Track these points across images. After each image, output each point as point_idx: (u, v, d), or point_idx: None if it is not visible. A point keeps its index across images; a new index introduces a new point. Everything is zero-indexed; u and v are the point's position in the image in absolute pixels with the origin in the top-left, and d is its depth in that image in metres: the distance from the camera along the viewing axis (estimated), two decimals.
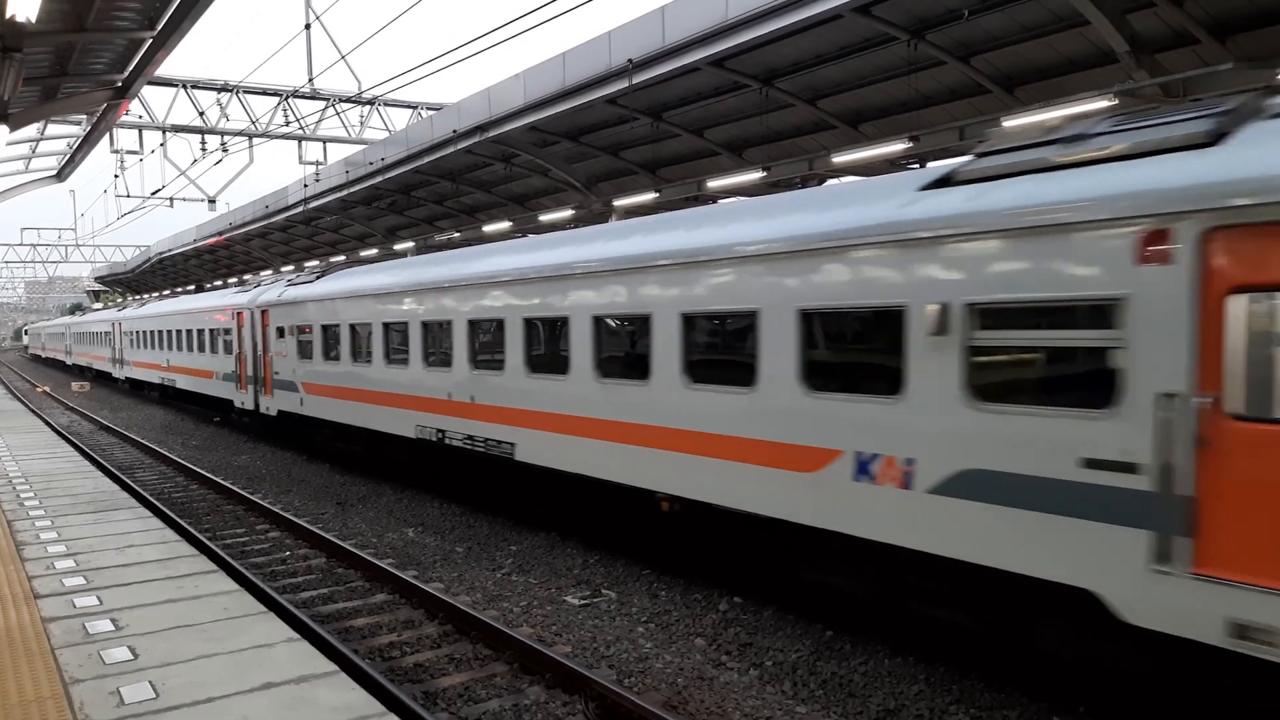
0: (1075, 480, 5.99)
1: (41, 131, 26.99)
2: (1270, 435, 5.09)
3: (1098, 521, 5.87)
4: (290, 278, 21.69)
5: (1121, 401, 5.76)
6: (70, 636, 5.85)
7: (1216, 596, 5.28)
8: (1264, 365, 5.18)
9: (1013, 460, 6.35)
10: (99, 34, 13.92)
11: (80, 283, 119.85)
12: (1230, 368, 5.29)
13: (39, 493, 11.00)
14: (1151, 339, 5.62)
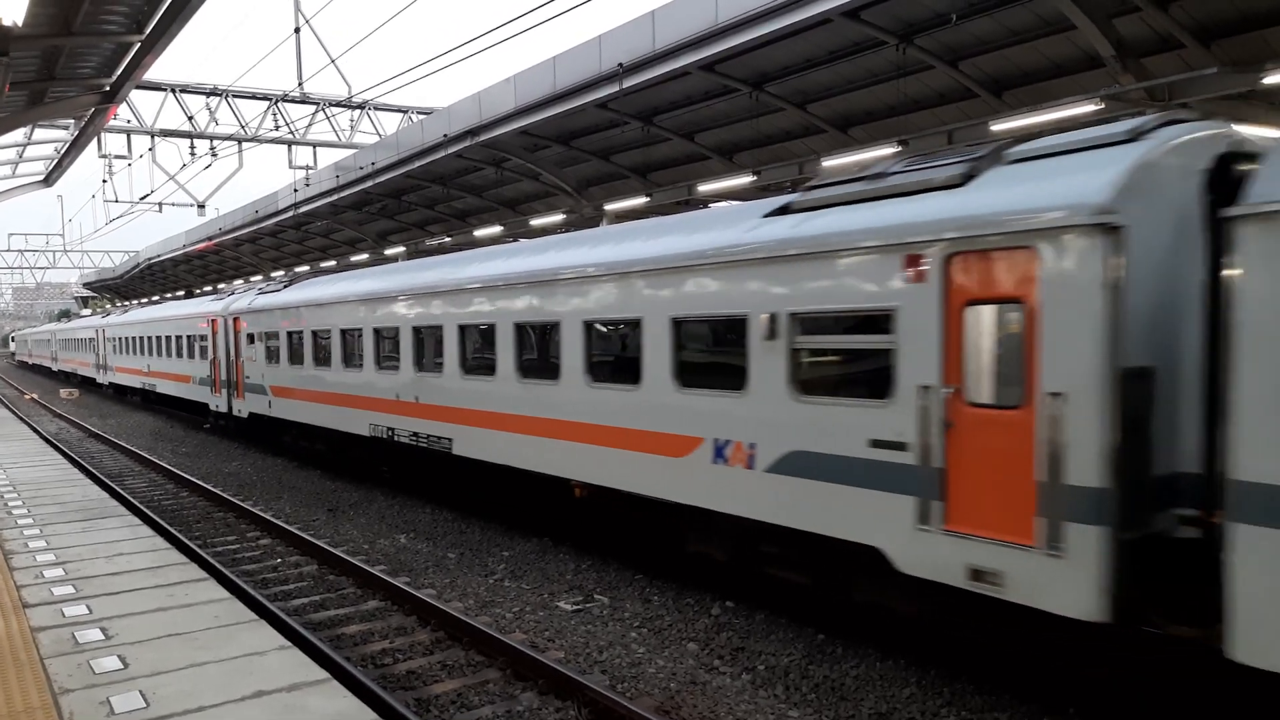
0: (865, 457, 7.37)
1: (29, 136, 26.86)
2: (991, 417, 6.49)
3: (881, 491, 7.25)
4: (261, 287, 22.55)
5: (895, 392, 7.13)
6: (60, 646, 5.82)
7: (960, 548, 6.66)
8: (986, 357, 6.58)
9: (824, 442, 7.73)
10: (87, 38, 13.86)
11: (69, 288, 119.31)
12: (966, 364, 6.67)
13: (27, 501, 10.94)
14: (913, 341, 6.98)
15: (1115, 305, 5.83)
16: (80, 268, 79.61)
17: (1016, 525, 6.30)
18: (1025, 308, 6.25)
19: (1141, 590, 5.96)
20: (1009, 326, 6.39)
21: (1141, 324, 5.96)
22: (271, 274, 49.66)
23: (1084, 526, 5.92)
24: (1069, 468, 6.00)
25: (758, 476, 8.33)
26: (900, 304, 7.06)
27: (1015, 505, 6.31)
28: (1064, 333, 6.04)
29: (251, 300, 21.27)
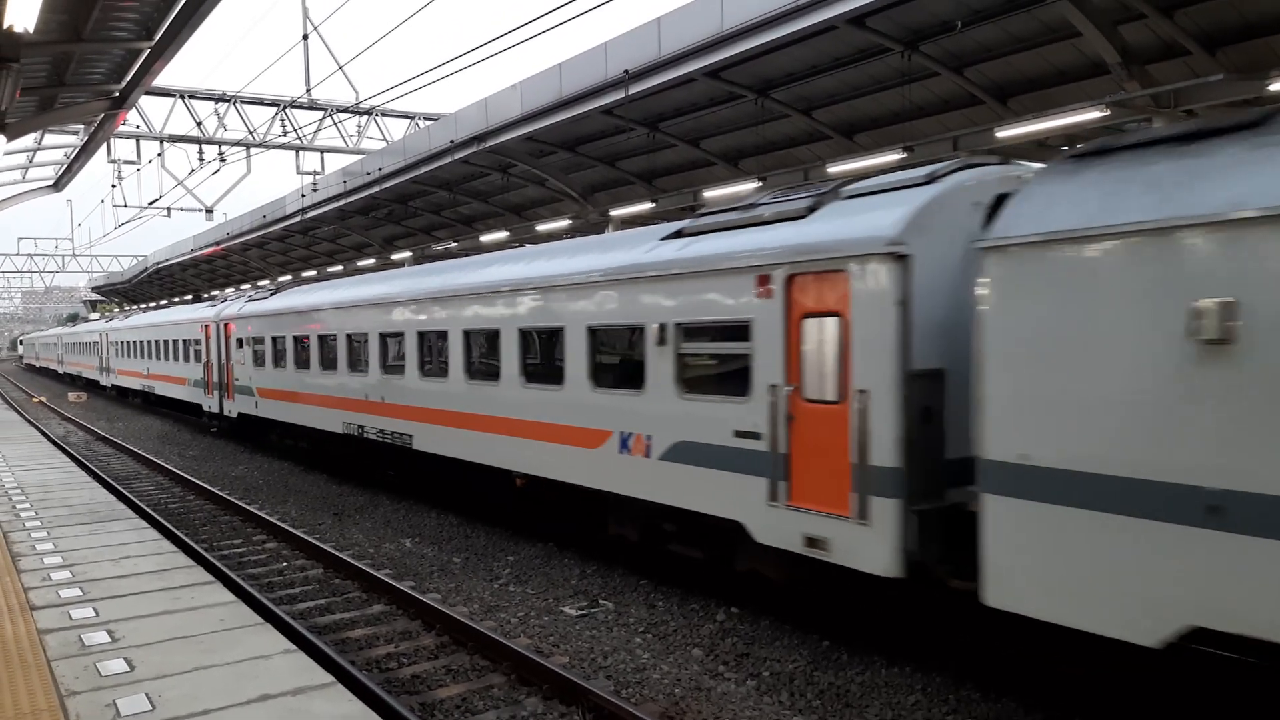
0: (730, 445, 8.66)
1: (39, 141, 27.00)
2: (820, 410, 7.80)
3: (741, 474, 8.52)
4: (250, 295, 23.95)
5: (752, 390, 8.40)
6: (66, 648, 5.85)
7: (799, 520, 7.96)
8: (817, 361, 7.88)
9: (701, 433, 9.01)
10: (96, 44, 13.94)
11: (77, 293, 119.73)
12: (804, 366, 7.99)
13: (35, 504, 10.99)
14: (764, 348, 8.26)
15: (904, 319, 7.17)
16: (89, 272, 79.90)
17: (837, 499, 7.63)
18: (843, 320, 7.60)
19: (931, 552, 7.16)
20: (832, 335, 7.74)
21: (932, 334, 7.27)
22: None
23: (883, 499, 7.26)
24: (872, 451, 7.32)
25: (653, 464, 9.63)
26: (755, 316, 8.37)
27: (836, 483, 7.65)
28: (868, 340, 7.37)
29: (240, 307, 22.58)
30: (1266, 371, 5.01)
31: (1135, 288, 5.62)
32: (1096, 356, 5.81)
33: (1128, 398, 5.64)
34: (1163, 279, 5.49)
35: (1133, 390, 5.62)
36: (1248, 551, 5.09)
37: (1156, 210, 5.52)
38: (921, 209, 7.30)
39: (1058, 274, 6.01)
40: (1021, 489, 6.19)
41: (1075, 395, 5.90)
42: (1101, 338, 5.79)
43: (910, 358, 7.16)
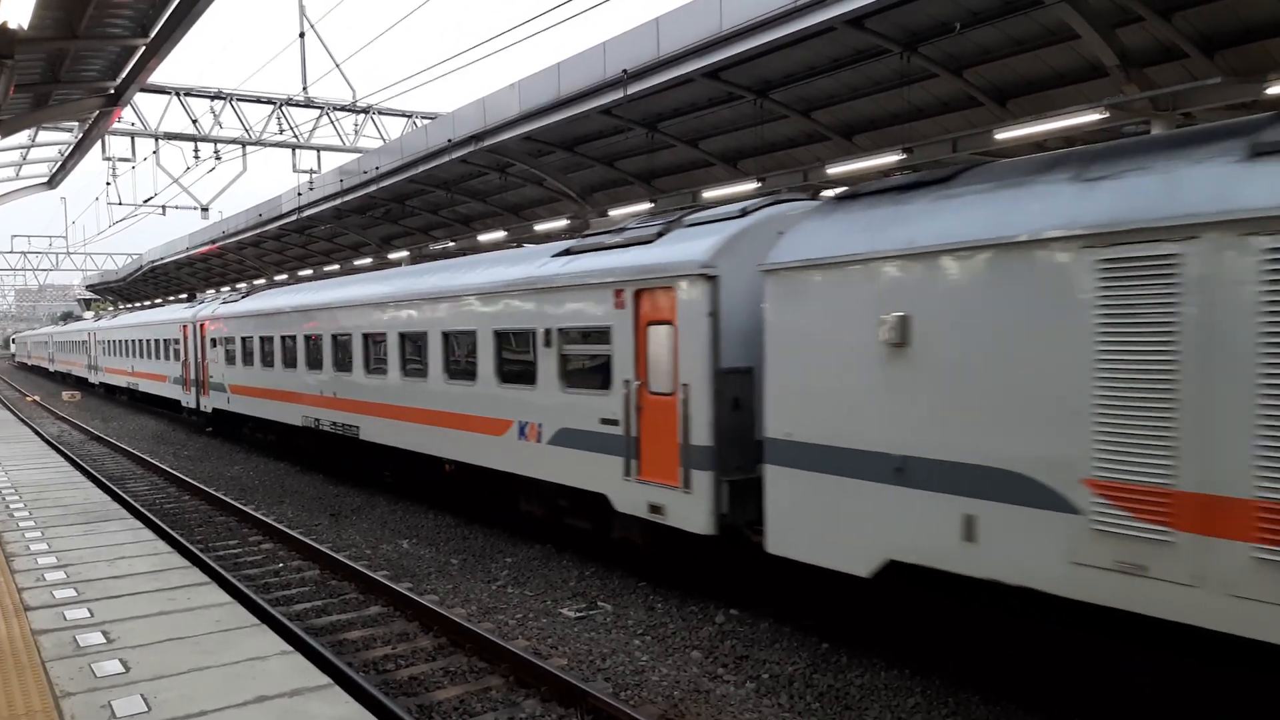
0: (598, 431, 10.31)
1: (33, 138, 26.87)
2: (659, 400, 9.45)
3: (606, 454, 10.17)
4: (224, 297, 25.58)
5: (612, 385, 10.06)
6: (61, 649, 5.80)
7: (645, 491, 9.62)
8: (657, 360, 9.48)
9: (578, 421, 10.66)
10: (91, 41, 13.86)
11: (71, 291, 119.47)
12: (648, 365, 9.62)
13: (29, 503, 10.93)
14: (621, 350, 9.92)
15: (714, 327, 8.88)
16: (83, 270, 79.71)
17: (670, 473, 9.30)
18: (673, 327, 9.27)
19: (740, 514, 8.84)
20: (666, 339, 9.36)
21: (741, 339, 8.91)
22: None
23: (701, 472, 8.94)
24: (693, 433, 9.01)
25: (544, 448, 11.29)
26: (613, 323, 10.03)
27: (670, 460, 9.31)
28: (689, 344, 9.07)
29: (214, 309, 24.19)
30: (928, 369, 6.86)
31: (850, 304, 7.43)
32: (828, 356, 7.64)
33: (847, 387, 7.48)
34: (865, 297, 7.28)
35: (850, 381, 7.46)
36: (918, 501, 6.95)
37: (864, 245, 7.31)
38: (730, 239, 9.06)
39: (805, 292, 7.84)
40: (787, 459, 8.04)
41: (817, 385, 7.75)
42: (830, 342, 7.62)
43: (720, 358, 8.89)
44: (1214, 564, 5.28)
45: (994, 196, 6.76)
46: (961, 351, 6.66)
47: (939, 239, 6.77)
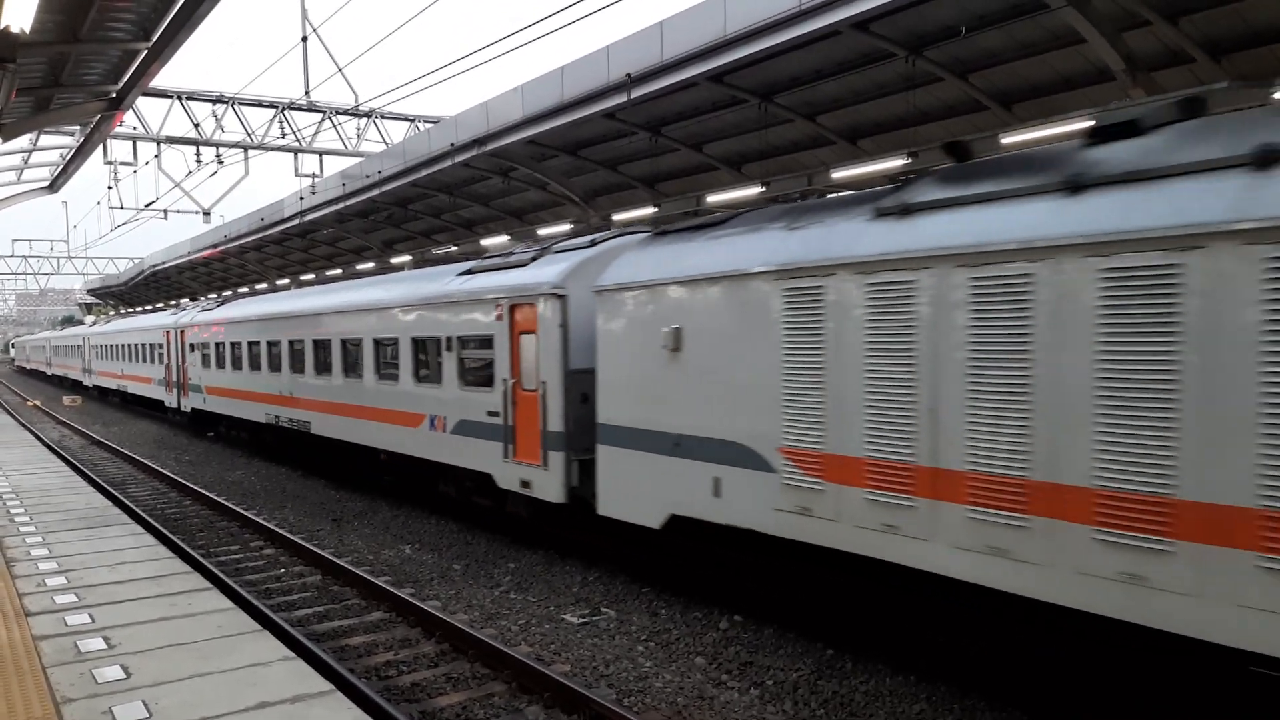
0: (486, 421, 12.51)
1: (34, 142, 26.83)
2: (528, 395, 11.60)
3: (491, 440, 12.37)
4: (203, 305, 27.97)
5: (495, 383, 12.28)
6: (62, 655, 5.75)
7: (519, 469, 11.79)
8: (526, 362, 11.62)
9: (472, 413, 12.89)
10: (93, 45, 13.85)
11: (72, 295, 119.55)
12: (520, 367, 11.80)
13: (30, 508, 10.88)
14: (501, 354, 12.10)
15: (564, 336, 11.04)
16: (85, 274, 79.65)
17: (535, 454, 11.47)
18: (536, 336, 11.40)
19: (586, 487, 10.85)
20: (532, 346, 11.52)
21: (586, 345, 10.94)
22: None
23: (556, 453, 11.11)
24: (549, 422, 11.17)
25: (448, 437, 13.48)
26: (495, 332, 12.26)
27: (535, 444, 11.49)
28: (547, 349, 11.21)
29: (193, 316, 26.45)
30: (693, 368, 9.06)
31: (646, 318, 9.64)
32: (634, 358, 9.82)
33: (645, 382, 9.71)
34: (655, 313, 9.51)
35: (646, 378, 9.67)
36: (688, 468, 9.16)
37: (655, 274, 9.52)
38: (577, 265, 11.20)
39: (619, 308, 10.01)
40: (610, 440, 10.26)
41: (627, 381, 9.94)
42: (634, 347, 9.79)
43: (569, 360, 11.07)
44: (845, 504, 7.59)
45: (739, 238, 8.90)
46: (712, 355, 8.87)
47: (699, 270, 9.04)
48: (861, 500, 7.42)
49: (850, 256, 7.50)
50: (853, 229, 7.69)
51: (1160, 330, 5.62)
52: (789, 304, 8.02)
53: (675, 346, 9.21)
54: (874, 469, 7.33)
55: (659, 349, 9.43)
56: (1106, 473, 5.85)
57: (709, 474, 8.88)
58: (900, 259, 7.13)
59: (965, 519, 6.66)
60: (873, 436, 7.34)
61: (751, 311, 8.39)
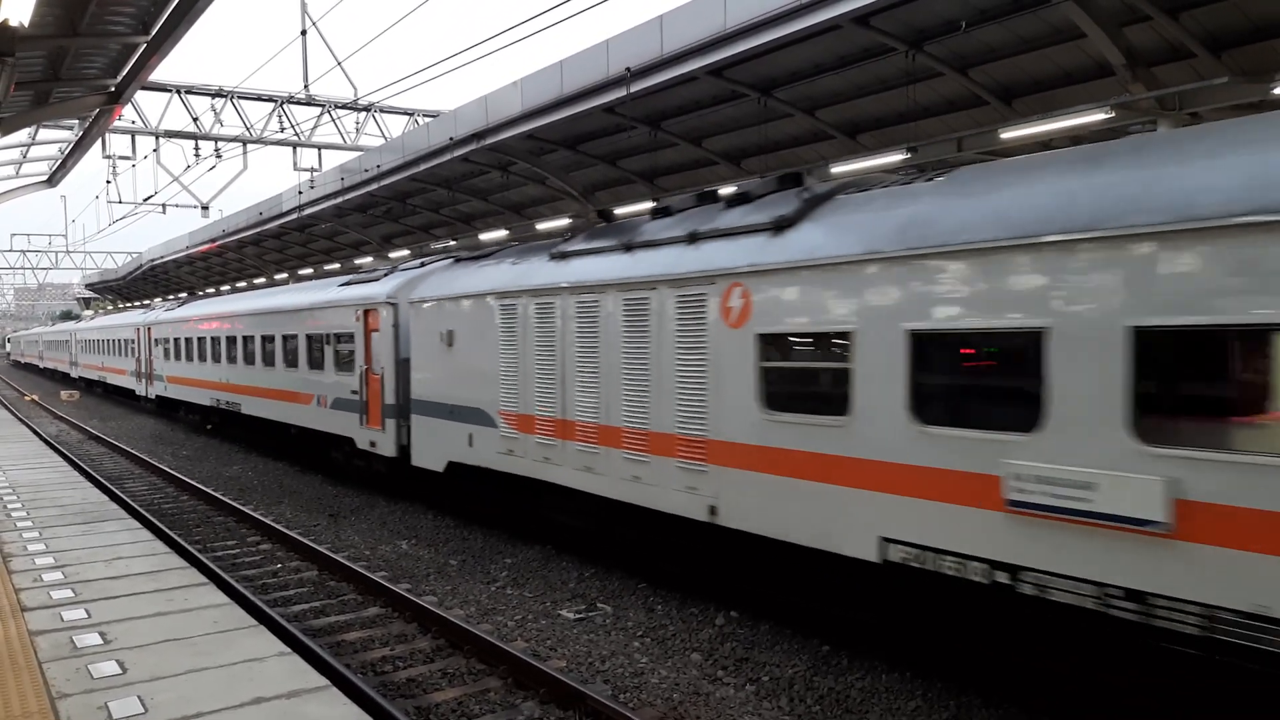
0: (349, 398, 16.45)
1: (33, 136, 26.77)
2: (375, 378, 15.53)
3: (351, 412, 16.42)
4: (168, 306, 33.54)
5: (354, 369, 16.28)
6: (58, 650, 5.75)
7: (369, 433, 15.76)
8: (374, 353, 15.67)
9: (342, 393, 16.78)
10: (92, 38, 13.81)
11: (71, 289, 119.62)
12: (371, 356, 15.96)
13: (26, 503, 10.87)
14: (359, 347, 16.09)
15: (396, 334, 14.92)
16: (83, 269, 79.52)
17: (378, 421, 15.41)
18: (380, 333, 15.35)
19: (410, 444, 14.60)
20: (376, 341, 15.45)
21: (409, 342, 14.55)
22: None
23: (390, 420, 15.03)
24: (386, 397, 15.06)
25: (329, 411, 17.49)
26: (355, 331, 16.24)
27: (378, 413, 15.39)
28: (384, 344, 15.26)
29: (158, 316, 31.62)
30: (459, 357, 12.95)
31: (435, 322, 13.57)
32: (428, 351, 13.79)
33: (434, 368, 13.61)
34: (439, 319, 13.46)
35: (433, 365, 13.60)
36: (456, 428, 12.99)
37: (441, 291, 13.53)
38: (406, 281, 15.32)
39: (422, 315, 14.01)
40: (418, 410, 14.19)
41: (426, 368, 13.92)
42: (429, 343, 13.70)
43: (400, 352, 14.95)
44: (529, 446, 11.54)
45: (487, 268, 12.97)
46: (467, 349, 12.86)
47: (462, 290, 13.04)
48: (534, 443, 11.51)
49: (529, 285, 11.53)
50: (536, 266, 11.74)
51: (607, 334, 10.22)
52: (502, 315, 12.11)
53: (449, 343, 13.33)
54: (540, 422, 11.41)
55: (440, 344, 13.55)
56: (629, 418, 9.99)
57: (466, 431, 12.96)
58: (550, 288, 11.13)
59: (576, 451, 10.76)
60: (539, 401, 11.39)
61: (485, 319, 12.47)
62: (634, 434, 9.75)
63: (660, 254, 9.67)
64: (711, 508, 8.92)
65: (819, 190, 8.74)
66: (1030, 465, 6.20)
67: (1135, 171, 6.09)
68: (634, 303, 9.73)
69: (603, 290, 10.16)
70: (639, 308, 9.66)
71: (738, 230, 8.92)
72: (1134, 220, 5.75)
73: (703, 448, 9.00)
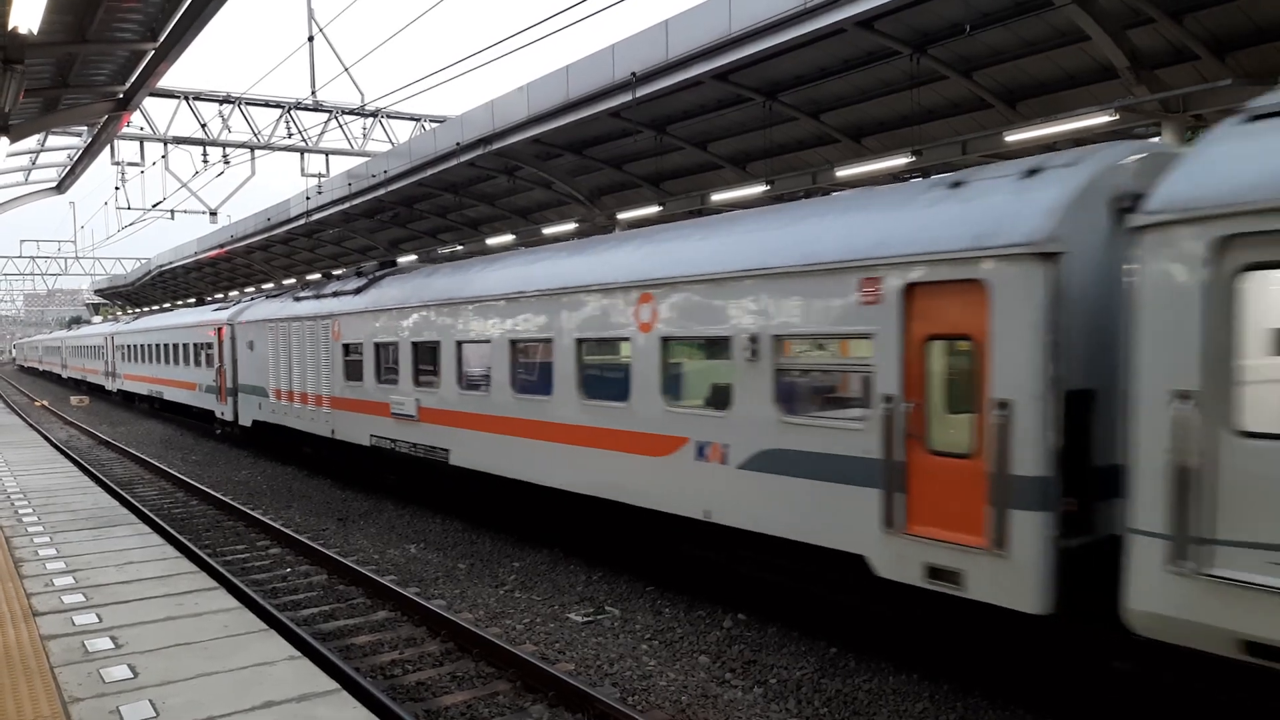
0: (211, 384, 25.29)
1: (42, 143, 26.94)
2: (223, 372, 24.15)
3: (212, 394, 25.36)
4: (128, 319, 45.30)
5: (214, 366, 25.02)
6: (69, 654, 5.80)
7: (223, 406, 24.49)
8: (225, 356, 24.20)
9: (207, 381, 25.76)
10: (101, 45, 13.91)
11: (80, 295, 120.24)
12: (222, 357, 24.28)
13: (38, 509, 10.94)
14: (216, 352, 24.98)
15: (235, 345, 23.07)
16: (92, 274, 79.90)
17: (225, 398, 23.85)
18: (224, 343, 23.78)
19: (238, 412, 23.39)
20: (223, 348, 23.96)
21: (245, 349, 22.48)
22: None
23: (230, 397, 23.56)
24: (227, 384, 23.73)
25: (203, 394, 25.89)
26: (213, 340, 24.63)
27: (225, 393, 23.77)
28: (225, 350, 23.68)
29: (117, 327, 42.17)
30: (256, 359, 21.70)
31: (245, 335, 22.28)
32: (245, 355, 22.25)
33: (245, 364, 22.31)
34: (246, 333, 22.14)
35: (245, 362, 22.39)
36: (261, 399, 21.45)
37: (248, 316, 22.20)
38: (238, 309, 23.06)
39: (242, 331, 22.35)
40: (241, 391, 22.64)
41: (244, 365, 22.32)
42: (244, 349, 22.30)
43: (233, 355, 22.91)
44: (279, 407, 20.23)
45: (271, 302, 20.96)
46: (258, 352, 21.02)
47: (263, 316, 20.86)
48: (283, 405, 19.57)
49: (279, 316, 19.80)
50: (287, 304, 19.82)
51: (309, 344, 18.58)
52: (271, 333, 20.38)
53: (251, 349, 21.58)
54: (284, 393, 19.53)
55: (247, 350, 21.89)
56: None
57: (258, 401, 21.32)
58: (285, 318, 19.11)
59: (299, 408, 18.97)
60: (283, 382, 19.48)
61: (263, 335, 20.77)
62: (317, 398, 18.27)
63: (317, 303, 18.39)
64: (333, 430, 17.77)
65: (378, 274, 17.21)
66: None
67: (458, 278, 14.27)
68: (312, 327, 18.33)
69: (301, 319, 18.80)
70: (316, 330, 18.16)
71: (342, 292, 17.67)
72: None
73: (320, 400, 18.19)
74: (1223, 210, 5.17)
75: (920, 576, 7.00)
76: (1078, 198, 6.35)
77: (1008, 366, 6.39)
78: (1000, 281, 6.42)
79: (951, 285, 6.77)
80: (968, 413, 6.74)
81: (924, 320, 6.99)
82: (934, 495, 6.91)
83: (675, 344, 9.47)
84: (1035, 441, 6.23)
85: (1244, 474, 5.12)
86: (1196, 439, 5.26)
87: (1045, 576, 6.21)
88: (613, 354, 10.46)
